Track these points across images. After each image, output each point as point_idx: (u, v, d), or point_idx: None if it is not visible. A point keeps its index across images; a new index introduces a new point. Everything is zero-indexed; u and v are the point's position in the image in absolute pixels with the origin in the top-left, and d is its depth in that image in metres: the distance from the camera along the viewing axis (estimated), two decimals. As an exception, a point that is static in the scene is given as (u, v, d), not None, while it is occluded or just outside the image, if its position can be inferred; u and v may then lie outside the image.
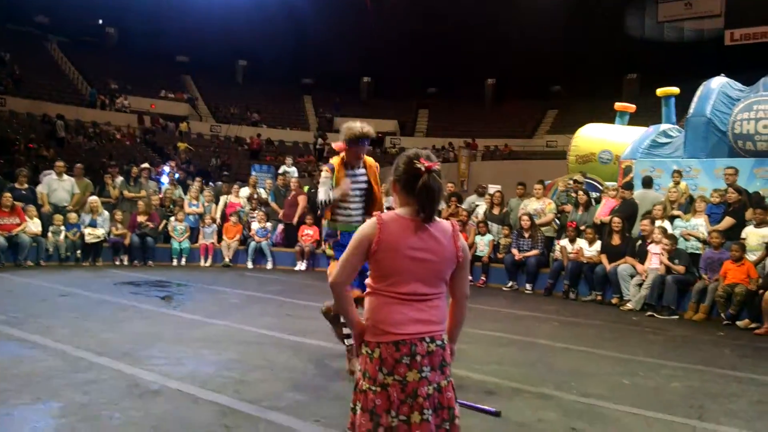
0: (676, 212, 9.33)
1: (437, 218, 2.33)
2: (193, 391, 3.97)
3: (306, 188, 13.55)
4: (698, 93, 10.64)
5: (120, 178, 12.44)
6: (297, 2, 32.23)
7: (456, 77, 37.54)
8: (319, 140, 32.75)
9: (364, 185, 4.81)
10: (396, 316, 2.26)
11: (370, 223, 2.31)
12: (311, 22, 33.25)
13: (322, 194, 4.59)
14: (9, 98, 27.36)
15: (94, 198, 11.40)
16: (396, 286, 2.27)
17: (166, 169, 17.28)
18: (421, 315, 2.27)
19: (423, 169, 2.25)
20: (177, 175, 16.34)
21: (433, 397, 2.25)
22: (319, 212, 5.03)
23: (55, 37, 35.72)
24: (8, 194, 10.33)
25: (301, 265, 11.50)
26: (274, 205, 12.59)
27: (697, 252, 8.60)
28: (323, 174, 4.74)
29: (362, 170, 4.82)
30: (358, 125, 4.55)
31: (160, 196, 12.33)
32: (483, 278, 10.46)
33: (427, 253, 2.27)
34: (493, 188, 12.94)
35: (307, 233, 11.66)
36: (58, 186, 11.32)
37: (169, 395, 3.89)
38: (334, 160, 4.74)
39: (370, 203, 4.86)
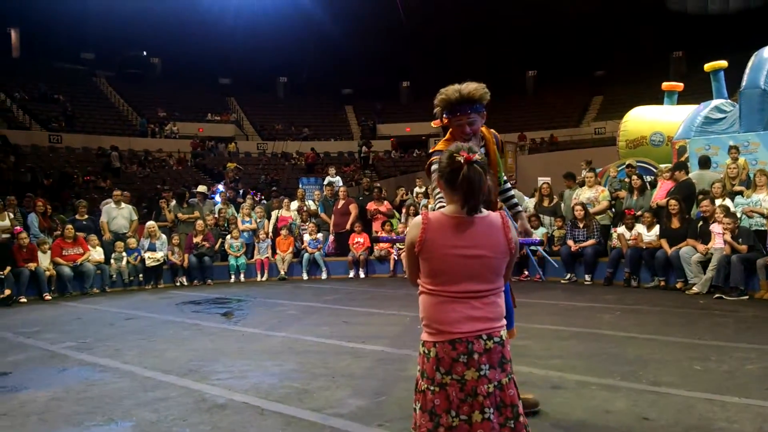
0: (738, 188, 8.97)
1: (485, 211, 2.30)
2: (258, 403, 4.03)
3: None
4: (750, 64, 10.23)
5: (173, 202, 12.81)
6: (329, 17, 32.60)
7: (495, 71, 37.19)
8: (364, 148, 32.96)
9: None
10: (451, 315, 2.22)
11: (415, 224, 2.30)
12: (346, 33, 33.56)
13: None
14: (64, 135, 28.60)
15: (151, 223, 11.77)
16: (447, 285, 2.24)
17: (220, 188, 17.70)
18: (476, 312, 2.23)
19: (462, 161, 2.22)
20: (227, 195, 16.70)
21: (494, 396, 2.20)
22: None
23: (103, 72, 37.15)
24: (70, 226, 10.76)
25: (354, 273, 11.57)
26: (323, 215, 12.72)
27: (762, 228, 8.23)
28: (433, 167, 3.41)
29: (480, 148, 3.59)
30: (455, 86, 3.42)
31: (215, 216, 12.64)
32: (539, 272, 10.28)
33: (479, 249, 2.24)
34: (541, 180, 12.75)
35: (358, 241, 11.72)
36: (117, 214, 11.74)
37: (236, 408, 3.96)
38: (440, 146, 3.59)
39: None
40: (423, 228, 2.25)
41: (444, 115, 3.51)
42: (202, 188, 13.90)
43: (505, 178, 3.93)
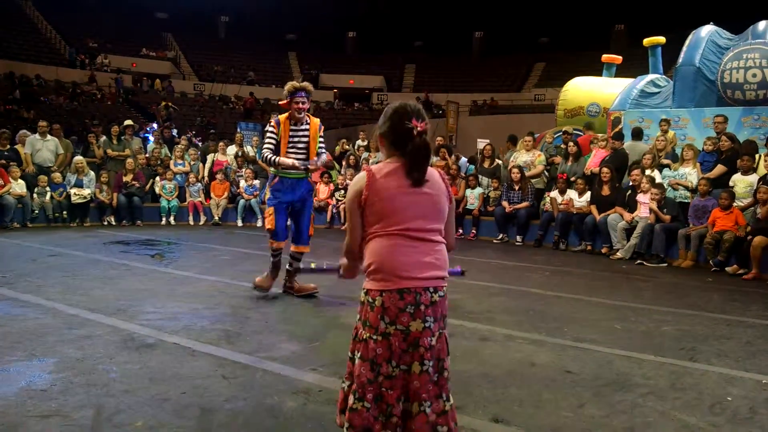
0: (664, 161, 9.34)
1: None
2: (188, 344, 3.98)
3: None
4: (687, 42, 10.54)
5: (103, 138, 12.23)
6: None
7: (443, 30, 36.96)
8: (305, 97, 32.30)
9: (305, 139, 5.45)
10: (402, 258, 2.18)
11: (359, 177, 2.25)
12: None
13: (268, 153, 5.36)
14: (-15, 59, 26.73)
15: (79, 158, 11.23)
16: (398, 224, 2.20)
17: (154, 126, 17.00)
18: (426, 258, 2.21)
19: (415, 132, 2.19)
20: (162, 134, 16.06)
21: (434, 349, 2.22)
22: (270, 165, 5.49)
23: (29, -6, 34.65)
24: (-10, 155, 10.15)
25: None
26: (261, 162, 12.45)
27: (686, 201, 8.64)
28: (268, 128, 5.51)
29: (305, 126, 5.45)
30: (294, 82, 5.41)
31: (147, 155, 12.16)
32: (473, 231, 10.50)
33: (424, 187, 2.23)
34: (482, 142, 12.88)
35: (296, 190, 11.58)
36: (42, 146, 11.12)
37: (165, 348, 3.89)
38: (282, 117, 5.43)
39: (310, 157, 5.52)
40: (369, 178, 2.21)
41: (288, 98, 5.31)
42: (128, 122, 13.17)
43: (321, 150, 5.59)
